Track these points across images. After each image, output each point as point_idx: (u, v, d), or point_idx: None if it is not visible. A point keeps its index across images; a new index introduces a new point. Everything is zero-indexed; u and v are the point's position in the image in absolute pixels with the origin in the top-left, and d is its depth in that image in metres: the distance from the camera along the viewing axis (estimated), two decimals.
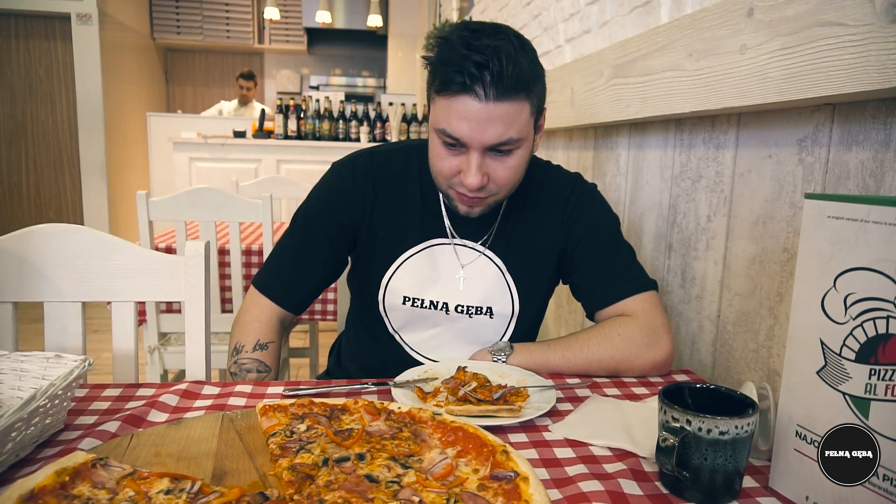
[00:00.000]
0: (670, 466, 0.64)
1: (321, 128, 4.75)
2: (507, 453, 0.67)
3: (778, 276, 0.92)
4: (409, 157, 1.12)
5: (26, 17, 5.22)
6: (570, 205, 1.11)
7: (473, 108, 0.90)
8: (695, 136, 1.16)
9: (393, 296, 1.11)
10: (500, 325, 1.12)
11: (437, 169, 1.00)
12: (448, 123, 0.93)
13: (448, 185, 1.01)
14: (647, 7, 1.33)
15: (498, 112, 0.90)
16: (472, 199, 0.99)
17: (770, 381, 0.93)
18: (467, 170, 0.95)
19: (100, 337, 3.68)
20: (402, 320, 1.13)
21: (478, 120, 0.90)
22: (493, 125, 0.91)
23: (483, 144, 0.93)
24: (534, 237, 1.11)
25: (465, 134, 0.92)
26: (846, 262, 0.58)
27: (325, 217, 1.11)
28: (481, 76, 0.88)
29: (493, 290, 1.11)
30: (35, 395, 0.68)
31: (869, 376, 0.56)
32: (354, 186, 1.09)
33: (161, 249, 2.23)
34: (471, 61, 0.88)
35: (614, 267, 1.08)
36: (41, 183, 5.50)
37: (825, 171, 0.83)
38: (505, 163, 0.96)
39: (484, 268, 1.11)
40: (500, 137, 0.92)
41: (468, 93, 0.89)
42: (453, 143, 0.95)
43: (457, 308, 1.10)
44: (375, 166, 1.10)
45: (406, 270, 1.10)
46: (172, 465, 0.68)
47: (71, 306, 1.06)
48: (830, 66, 0.72)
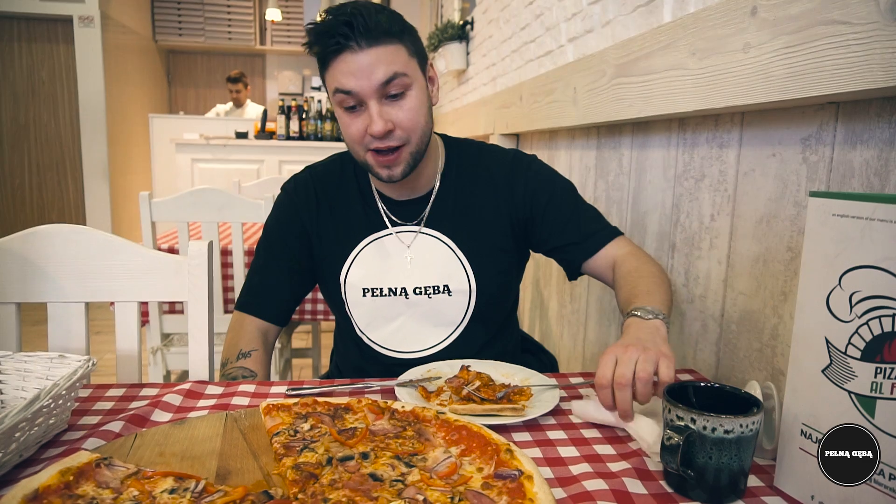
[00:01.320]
0: (675, 465, 0.64)
1: (323, 128, 4.76)
2: (511, 452, 0.67)
3: (782, 275, 0.92)
4: (343, 163, 1.22)
5: (29, 20, 5.24)
6: (518, 176, 1.17)
7: (353, 60, 0.98)
8: (698, 136, 1.16)
9: (353, 290, 1.16)
10: (460, 302, 1.15)
11: (350, 137, 1.05)
12: (338, 82, 1.00)
13: (365, 151, 1.05)
14: (649, 6, 1.32)
15: (376, 55, 0.98)
16: (386, 154, 1.04)
17: (774, 381, 0.92)
18: (371, 120, 1.01)
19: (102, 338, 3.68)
20: (366, 317, 1.17)
21: (360, 68, 0.98)
22: (375, 68, 0.98)
23: (372, 88, 0.99)
24: (479, 211, 1.16)
25: (353, 84, 0.99)
26: (852, 260, 0.57)
27: (279, 232, 1.21)
28: (352, 32, 0.97)
29: (446, 268, 1.14)
30: (39, 395, 0.68)
31: (875, 375, 0.56)
32: (298, 199, 1.20)
33: (164, 250, 2.23)
34: (338, 23, 0.97)
35: (586, 222, 1.17)
36: (44, 185, 5.51)
37: (829, 169, 0.83)
38: (403, 105, 1.02)
39: (431, 247, 1.15)
40: (385, 75, 0.99)
41: (345, 50, 0.98)
42: (352, 105, 1.02)
43: (415, 290, 1.14)
44: (314, 178, 1.21)
45: (359, 264, 1.16)
46: (176, 465, 0.68)
47: (74, 307, 1.06)
48: (834, 64, 0.72)
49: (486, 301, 1.16)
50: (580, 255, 1.16)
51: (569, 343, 1.88)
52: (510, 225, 1.17)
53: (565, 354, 1.90)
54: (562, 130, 1.96)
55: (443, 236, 1.15)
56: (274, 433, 0.74)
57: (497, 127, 2.55)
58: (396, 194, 1.17)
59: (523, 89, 2.15)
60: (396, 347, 1.17)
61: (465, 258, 1.14)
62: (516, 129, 2.31)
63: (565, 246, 1.17)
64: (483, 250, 1.15)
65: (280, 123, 4.70)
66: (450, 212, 1.16)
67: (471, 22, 3.45)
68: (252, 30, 7.02)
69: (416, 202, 1.17)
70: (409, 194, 1.16)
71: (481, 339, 1.18)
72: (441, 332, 1.16)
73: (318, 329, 2.91)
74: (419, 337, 1.16)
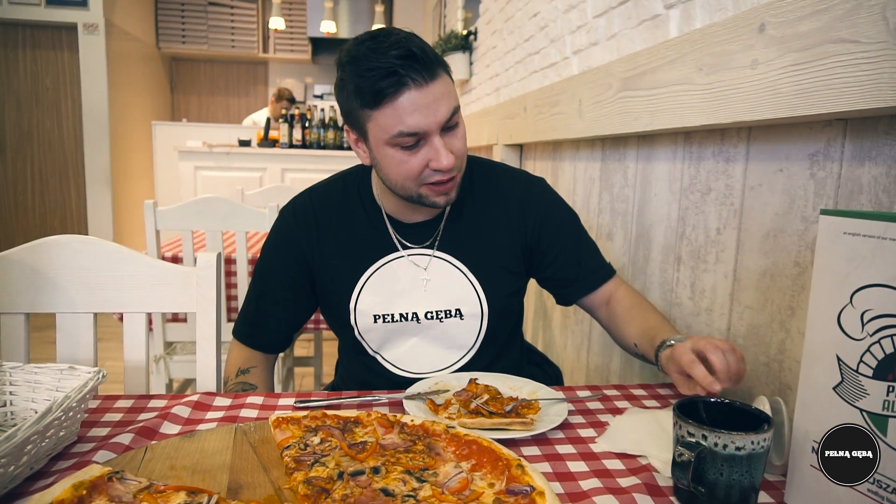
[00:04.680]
0: (686, 481, 0.64)
1: (326, 137, 4.77)
2: (522, 467, 0.67)
3: (789, 290, 0.92)
4: (346, 184, 1.17)
5: (33, 28, 5.26)
6: (531, 202, 1.16)
7: (418, 97, 0.93)
8: (704, 149, 1.16)
9: (364, 317, 1.12)
10: (472, 326, 1.14)
11: (406, 174, 1.00)
12: (402, 124, 0.94)
13: (419, 185, 1.01)
14: (655, 21, 1.33)
15: (438, 90, 0.95)
16: (447, 182, 1.01)
17: (782, 395, 0.92)
18: (437, 155, 0.97)
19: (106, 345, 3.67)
20: (379, 340, 1.15)
21: (427, 105, 0.93)
22: (439, 103, 0.95)
23: (440, 124, 0.96)
24: (490, 233, 1.14)
25: (421, 124, 0.94)
26: (863, 278, 0.58)
27: (275, 261, 1.16)
28: (410, 65, 0.91)
29: (458, 291, 1.12)
30: (51, 407, 0.68)
31: (887, 393, 0.56)
32: (296, 225, 1.14)
33: (167, 259, 2.24)
34: (393, 58, 0.91)
35: (588, 258, 1.19)
36: (46, 192, 5.51)
37: (837, 185, 0.83)
38: (457, 134, 1.01)
39: (443, 270, 1.13)
40: (449, 111, 0.96)
41: (406, 87, 0.92)
42: (412, 143, 0.97)
43: (426, 315, 1.12)
44: (314, 202, 1.16)
45: (370, 290, 1.12)
46: (188, 479, 0.68)
47: (83, 317, 1.06)
48: (843, 82, 0.73)
49: (497, 322, 1.15)
50: (578, 291, 1.18)
51: (573, 354, 1.88)
52: (520, 247, 1.16)
53: (569, 366, 1.89)
54: (566, 142, 1.97)
55: (455, 260, 1.13)
56: (284, 447, 0.74)
57: (501, 137, 2.56)
58: (408, 217, 1.13)
59: (528, 100, 2.16)
60: (408, 368, 1.15)
61: (477, 282, 1.12)
62: (520, 140, 2.32)
63: (564, 280, 1.18)
64: (495, 274, 1.14)
65: (283, 132, 4.72)
66: (462, 234, 1.14)
67: (474, 32, 3.47)
68: (255, 38, 7.05)
69: (427, 224, 1.13)
70: (423, 216, 1.13)
71: (490, 357, 1.17)
72: (453, 354, 1.15)
73: (320, 337, 2.91)
74: (432, 359, 1.15)
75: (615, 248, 1.57)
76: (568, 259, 1.17)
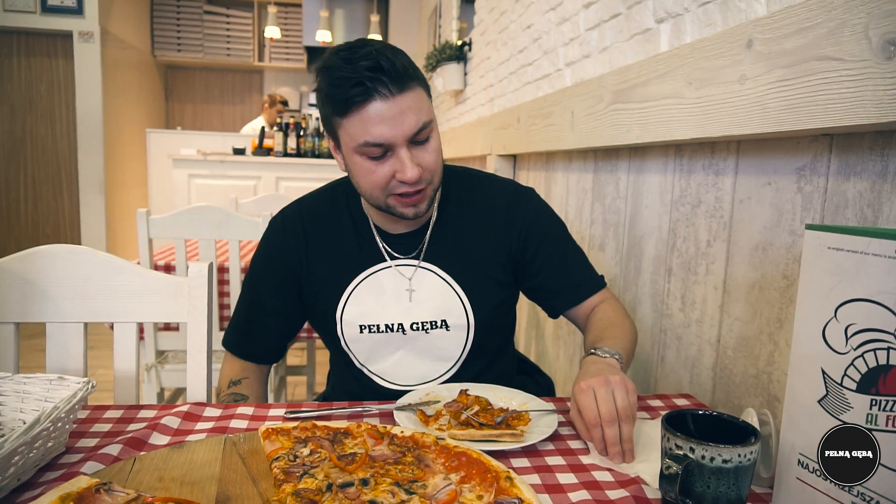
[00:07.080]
0: (674, 494, 0.64)
1: (320, 145, 4.78)
2: (510, 479, 0.67)
3: (778, 302, 0.93)
4: (335, 194, 1.18)
5: (28, 35, 5.26)
6: (516, 211, 1.15)
7: (384, 109, 0.93)
8: (694, 162, 1.18)
9: (350, 328, 1.13)
10: (458, 337, 1.13)
11: (372, 184, 1.01)
12: (367, 134, 0.95)
13: (387, 195, 1.02)
14: (646, 35, 1.35)
15: (406, 103, 0.95)
16: (414, 195, 1.01)
17: (770, 407, 0.93)
18: (403, 167, 0.97)
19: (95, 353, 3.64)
20: (365, 352, 1.15)
21: (392, 117, 0.94)
22: (406, 116, 0.95)
23: (406, 137, 0.96)
24: (476, 244, 1.14)
25: (386, 134, 0.95)
26: (847, 293, 0.59)
27: (265, 270, 1.17)
28: (378, 78, 0.92)
29: (444, 302, 1.12)
30: (39, 418, 0.68)
31: (870, 406, 0.57)
32: (285, 235, 1.16)
33: (160, 267, 2.24)
34: (362, 69, 0.92)
35: (575, 270, 1.18)
36: (39, 199, 5.50)
37: (823, 199, 0.84)
38: (428, 148, 1.00)
39: (429, 281, 1.12)
40: (417, 124, 0.96)
41: (373, 98, 0.93)
42: (379, 154, 0.97)
43: (412, 326, 1.12)
44: (303, 212, 1.17)
45: (356, 300, 1.12)
46: (176, 490, 0.68)
47: (73, 327, 1.06)
48: (828, 98, 0.74)
49: (484, 334, 1.14)
50: (563, 303, 1.18)
51: (565, 365, 1.88)
52: (506, 257, 1.15)
53: (562, 376, 1.90)
54: (559, 153, 1.98)
55: (440, 271, 1.12)
56: (273, 458, 0.74)
57: (494, 148, 2.57)
58: (393, 227, 1.13)
59: (521, 111, 2.18)
60: (395, 380, 1.15)
61: (462, 293, 1.12)
62: (514, 151, 2.33)
63: (549, 290, 1.18)
64: (481, 284, 1.13)
65: (277, 140, 4.72)
66: (448, 244, 1.14)
67: (469, 43, 3.49)
68: (251, 46, 7.07)
69: (413, 235, 1.13)
70: (407, 227, 1.13)
71: (479, 368, 1.17)
72: (440, 366, 1.15)
73: (313, 346, 2.90)
74: (419, 371, 1.15)
75: (607, 258, 1.58)
76: (553, 270, 1.16)
